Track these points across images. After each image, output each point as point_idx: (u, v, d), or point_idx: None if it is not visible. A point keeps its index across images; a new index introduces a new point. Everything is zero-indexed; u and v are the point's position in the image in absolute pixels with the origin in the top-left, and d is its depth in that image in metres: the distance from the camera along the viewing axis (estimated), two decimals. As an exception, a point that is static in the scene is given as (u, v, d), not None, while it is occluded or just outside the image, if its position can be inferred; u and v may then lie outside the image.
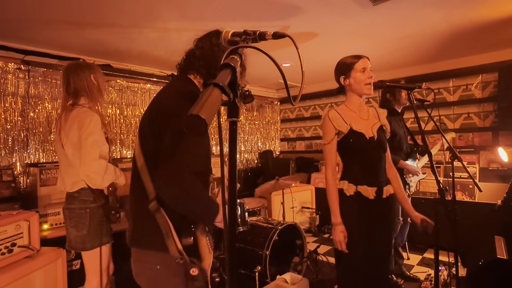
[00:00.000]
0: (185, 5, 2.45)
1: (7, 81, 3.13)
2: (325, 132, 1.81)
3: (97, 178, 1.73)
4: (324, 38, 3.27)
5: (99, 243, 1.84)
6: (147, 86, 4.35)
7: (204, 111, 0.44)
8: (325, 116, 1.82)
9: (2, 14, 2.50)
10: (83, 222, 1.82)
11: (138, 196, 1.16)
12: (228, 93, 0.52)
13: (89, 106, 1.87)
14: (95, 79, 1.91)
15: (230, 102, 0.57)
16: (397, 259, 3.06)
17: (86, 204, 1.83)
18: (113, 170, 1.82)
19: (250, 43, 0.80)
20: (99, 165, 1.73)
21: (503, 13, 2.73)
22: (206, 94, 0.47)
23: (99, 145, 1.77)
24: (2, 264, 1.83)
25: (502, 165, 3.87)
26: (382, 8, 2.56)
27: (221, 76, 0.53)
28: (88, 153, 1.72)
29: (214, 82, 0.50)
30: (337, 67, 1.85)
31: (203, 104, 0.45)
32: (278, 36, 0.84)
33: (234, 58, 0.60)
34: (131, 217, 1.22)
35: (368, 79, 1.73)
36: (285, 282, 2.51)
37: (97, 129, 1.79)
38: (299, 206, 4.63)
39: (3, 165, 3.07)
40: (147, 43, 3.30)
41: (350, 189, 1.74)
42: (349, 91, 1.83)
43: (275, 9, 2.55)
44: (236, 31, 0.86)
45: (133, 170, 1.20)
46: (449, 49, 3.81)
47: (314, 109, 5.92)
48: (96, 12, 2.52)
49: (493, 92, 3.97)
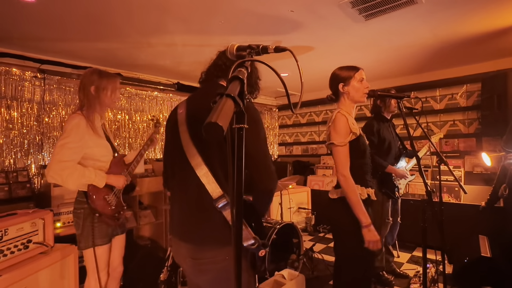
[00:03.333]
0: (191, 19, 2.49)
1: (24, 88, 3.15)
2: (342, 132, 1.65)
3: (57, 178, 1.66)
4: (320, 50, 3.31)
5: (92, 243, 1.77)
6: (155, 93, 4.37)
7: (221, 119, 0.46)
8: (341, 116, 1.68)
9: (21, 29, 2.53)
10: (78, 222, 1.79)
11: (198, 197, 1.15)
12: (239, 103, 0.54)
13: (86, 112, 1.81)
14: (95, 90, 1.84)
15: (238, 110, 0.59)
16: (387, 257, 3.07)
17: (81, 204, 1.79)
18: (81, 173, 1.71)
19: (254, 56, 0.82)
20: (61, 167, 1.65)
21: (486, 28, 2.78)
22: (221, 104, 0.49)
23: (70, 148, 1.69)
24: (18, 259, 1.83)
25: (486, 169, 3.89)
26: (374, 23, 2.60)
27: (232, 87, 0.55)
28: (54, 154, 1.67)
29: (227, 93, 0.52)
30: (335, 75, 1.81)
31: (220, 113, 0.47)
32: (279, 50, 0.86)
33: (242, 71, 0.62)
34: (190, 219, 1.19)
35: (365, 88, 1.75)
36: (283, 278, 2.52)
37: (73, 133, 1.71)
38: (296, 206, 4.64)
39: (19, 166, 3.08)
40: (154, 54, 3.33)
41: (364, 193, 1.68)
42: (346, 99, 1.78)
43: (274, 24, 2.59)
44: (240, 45, 0.87)
45: (181, 176, 1.21)
46: (436, 61, 3.85)
47: (310, 116, 5.95)
48: (108, 25, 2.55)
49: (477, 101, 4.01)
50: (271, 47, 0.87)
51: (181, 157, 1.18)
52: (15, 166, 3.06)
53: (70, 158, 1.69)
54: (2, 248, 1.76)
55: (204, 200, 1.12)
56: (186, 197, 1.20)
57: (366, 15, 2.45)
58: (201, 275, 1.17)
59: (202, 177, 1.12)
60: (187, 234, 1.19)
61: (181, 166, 1.20)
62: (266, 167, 1.15)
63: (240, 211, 0.64)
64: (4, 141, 3.01)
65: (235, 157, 0.60)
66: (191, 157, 1.15)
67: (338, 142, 1.64)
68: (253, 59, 0.71)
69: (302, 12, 2.38)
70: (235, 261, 0.67)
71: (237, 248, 0.65)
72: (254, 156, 1.11)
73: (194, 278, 1.24)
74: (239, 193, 0.62)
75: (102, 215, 1.79)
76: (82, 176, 1.71)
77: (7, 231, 1.80)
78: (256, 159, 1.12)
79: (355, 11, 2.38)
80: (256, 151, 1.12)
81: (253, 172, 1.13)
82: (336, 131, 1.67)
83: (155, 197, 3.83)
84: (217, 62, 1.36)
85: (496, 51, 3.49)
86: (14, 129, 3.08)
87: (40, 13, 2.27)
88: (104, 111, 1.98)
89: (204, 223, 1.15)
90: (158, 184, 3.74)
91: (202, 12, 2.35)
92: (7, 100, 3.04)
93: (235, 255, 0.66)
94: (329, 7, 2.32)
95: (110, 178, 1.83)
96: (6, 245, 1.78)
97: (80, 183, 1.72)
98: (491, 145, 3.88)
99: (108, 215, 1.82)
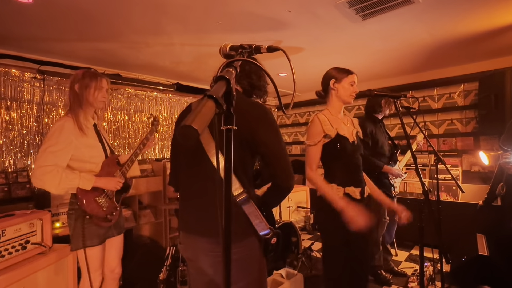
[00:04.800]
0: (188, 19, 2.47)
1: (23, 89, 3.13)
2: (313, 133, 1.79)
3: (39, 183, 1.65)
4: (317, 50, 3.29)
5: (82, 245, 1.74)
6: (154, 94, 4.35)
7: (196, 122, 0.44)
8: (315, 118, 1.81)
9: (19, 30, 2.51)
10: (70, 223, 1.77)
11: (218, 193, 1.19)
12: (221, 104, 0.52)
13: (72, 114, 1.78)
14: (79, 88, 1.81)
15: (226, 111, 0.57)
16: (386, 255, 3.06)
17: (72, 205, 1.77)
18: (62, 177, 1.66)
19: (246, 56, 0.81)
20: (42, 172, 1.63)
21: (483, 27, 2.75)
22: (200, 105, 0.47)
23: (51, 151, 1.66)
24: (16, 260, 1.82)
25: (483, 168, 3.87)
26: (371, 23, 2.58)
27: (216, 88, 0.54)
28: (36, 160, 1.67)
29: (208, 94, 0.51)
30: (329, 73, 1.86)
31: (196, 115, 0.45)
32: (272, 49, 0.84)
33: (230, 71, 0.60)
34: (210, 214, 1.21)
35: (353, 92, 1.82)
36: (281, 277, 2.50)
37: (54, 137, 1.68)
38: (294, 205, 4.62)
39: (18, 167, 3.07)
40: (153, 54, 3.31)
41: (339, 192, 1.72)
42: (334, 96, 1.84)
43: (271, 24, 2.57)
44: (233, 45, 0.86)
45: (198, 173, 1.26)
46: (433, 61, 3.83)
47: (309, 116, 5.92)
48: (107, 27, 2.53)
49: (474, 100, 3.99)
50: (264, 47, 0.86)
51: (198, 154, 1.21)
52: (14, 166, 3.05)
53: (51, 162, 1.65)
54: (0, 249, 1.74)
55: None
56: (206, 193, 1.23)
57: (363, 15, 2.43)
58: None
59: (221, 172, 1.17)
60: (207, 229, 1.21)
61: (198, 163, 1.24)
62: (288, 166, 1.23)
63: (229, 209, 0.62)
64: (3, 141, 2.99)
65: (225, 159, 0.59)
66: (211, 153, 1.18)
67: (308, 142, 1.80)
68: (242, 59, 0.69)
69: (299, 12, 2.37)
70: (224, 254, 0.65)
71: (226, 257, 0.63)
72: (278, 156, 1.20)
73: (213, 272, 1.25)
74: (227, 194, 0.60)
75: (92, 217, 1.76)
76: (64, 180, 1.67)
77: (5, 232, 1.79)
78: (280, 159, 1.21)
79: (352, 11, 2.36)
80: (279, 151, 1.21)
81: (276, 170, 1.22)
82: (308, 132, 1.83)
83: (154, 196, 3.82)
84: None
85: (493, 50, 3.46)
86: (13, 130, 3.06)
87: (37, 13, 2.25)
88: (92, 110, 1.91)
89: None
90: (157, 184, 3.73)
91: (198, 12, 2.33)
92: (7, 101, 3.02)
93: (224, 249, 0.65)
94: (326, 7, 2.30)
95: (99, 181, 1.79)
96: (3, 246, 1.77)
97: (63, 187, 1.68)
98: (488, 144, 3.86)
99: (99, 217, 1.78)
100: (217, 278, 1.24)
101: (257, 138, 1.15)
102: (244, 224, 1.18)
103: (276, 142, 1.21)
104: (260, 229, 1.17)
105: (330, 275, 1.78)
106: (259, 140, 1.17)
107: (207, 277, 1.27)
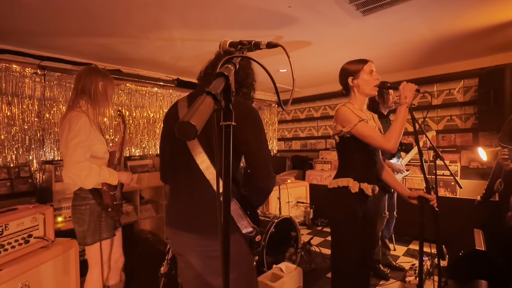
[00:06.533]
0: (188, 15, 2.45)
1: (24, 84, 3.13)
2: (350, 117, 1.64)
3: (76, 179, 1.68)
4: (318, 46, 3.26)
5: (99, 238, 1.80)
6: (154, 89, 4.34)
7: (194, 118, 0.44)
8: (343, 106, 1.69)
9: (19, 24, 2.49)
10: (84, 218, 1.78)
11: (206, 193, 1.20)
12: (219, 101, 0.52)
13: (86, 109, 1.80)
14: (103, 87, 1.86)
15: (225, 107, 0.57)
16: (384, 250, 3.07)
17: (85, 201, 1.79)
18: (97, 172, 1.74)
19: (246, 52, 0.80)
20: (80, 168, 1.67)
21: (483, 23, 2.73)
22: (198, 102, 0.47)
23: (83, 146, 1.70)
24: (19, 253, 1.83)
25: (482, 164, 3.87)
26: (371, 18, 2.56)
27: (215, 84, 0.53)
28: (69, 156, 1.66)
29: (207, 90, 0.50)
30: (344, 69, 1.78)
31: (194, 112, 0.45)
32: (271, 45, 0.84)
33: (228, 67, 0.60)
34: (195, 210, 1.23)
35: (375, 80, 1.72)
36: (281, 271, 2.52)
37: (83, 132, 1.71)
38: (294, 200, 4.64)
39: (21, 162, 3.07)
40: (154, 50, 3.29)
41: (355, 187, 1.67)
42: (356, 92, 1.75)
43: (271, 19, 2.55)
44: (233, 41, 0.85)
45: (184, 169, 1.25)
46: (433, 56, 3.80)
47: (309, 111, 5.91)
48: (108, 22, 2.52)
49: (474, 96, 3.97)
50: (263, 43, 0.85)
51: (184, 151, 1.21)
52: (17, 161, 3.05)
53: (84, 157, 1.71)
54: (3, 243, 1.75)
55: (208, 192, 1.18)
56: (190, 190, 1.23)
57: (363, 11, 2.41)
58: (210, 260, 1.21)
59: (205, 171, 1.17)
60: (192, 225, 1.22)
61: (184, 160, 1.24)
62: (267, 167, 1.20)
63: (228, 208, 0.62)
64: (5, 137, 2.99)
65: (223, 155, 0.59)
66: (195, 151, 1.19)
67: (352, 125, 1.62)
68: (240, 55, 0.69)
69: (300, 7, 2.35)
70: (223, 249, 0.66)
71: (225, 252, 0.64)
72: (257, 156, 1.18)
73: (201, 266, 1.26)
74: (226, 189, 0.60)
75: (112, 210, 1.84)
76: (98, 175, 1.75)
77: (8, 226, 1.80)
78: (259, 159, 1.19)
79: (353, 7, 2.34)
80: (259, 151, 1.19)
81: (255, 171, 1.19)
82: (343, 118, 1.66)
83: (155, 191, 3.83)
84: (215, 63, 1.39)
85: (493, 46, 3.44)
86: (15, 125, 3.06)
87: (37, 8, 2.23)
88: (104, 110, 1.99)
89: (208, 214, 1.19)
90: (158, 179, 3.72)
91: (199, 7, 2.31)
92: (8, 96, 3.01)
93: (223, 244, 0.65)
94: (326, 3, 2.28)
95: (121, 176, 1.90)
96: (7, 239, 1.78)
97: (96, 182, 1.76)
98: (487, 140, 3.85)
99: (116, 209, 1.88)
100: (205, 271, 1.25)
101: (239, 136, 1.13)
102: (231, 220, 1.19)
103: (258, 142, 1.19)
104: (243, 228, 1.17)
105: (344, 269, 1.72)
106: (240, 139, 1.15)
107: (195, 271, 1.29)
